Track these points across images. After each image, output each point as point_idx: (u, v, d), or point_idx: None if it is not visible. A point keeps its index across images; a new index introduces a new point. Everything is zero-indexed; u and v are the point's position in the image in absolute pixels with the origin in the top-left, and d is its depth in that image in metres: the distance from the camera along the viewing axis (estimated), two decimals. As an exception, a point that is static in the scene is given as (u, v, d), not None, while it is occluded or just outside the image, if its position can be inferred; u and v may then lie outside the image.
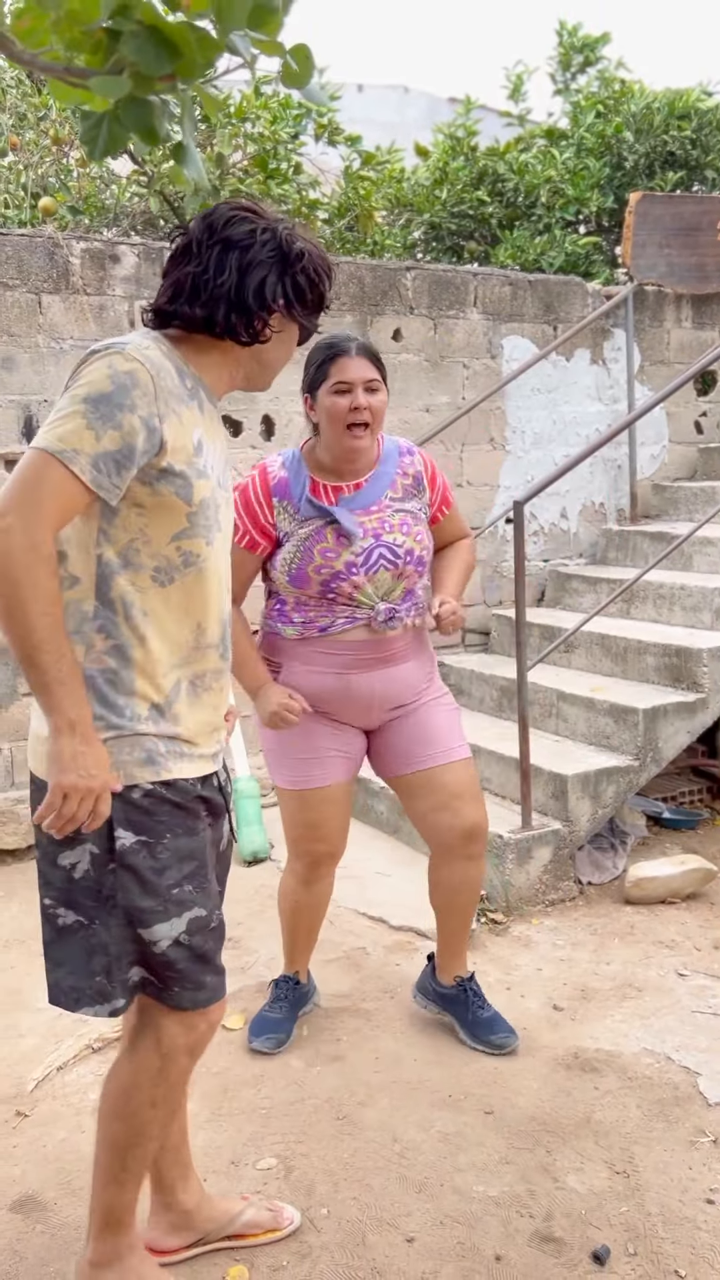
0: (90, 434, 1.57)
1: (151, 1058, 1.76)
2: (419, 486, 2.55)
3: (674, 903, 3.58)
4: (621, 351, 5.39)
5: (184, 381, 1.70)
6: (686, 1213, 2.11)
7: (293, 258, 1.74)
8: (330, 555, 2.41)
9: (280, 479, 2.46)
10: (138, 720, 1.68)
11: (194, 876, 1.73)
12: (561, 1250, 2.02)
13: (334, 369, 2.37)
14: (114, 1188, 1.80)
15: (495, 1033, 2.68)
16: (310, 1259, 2.01)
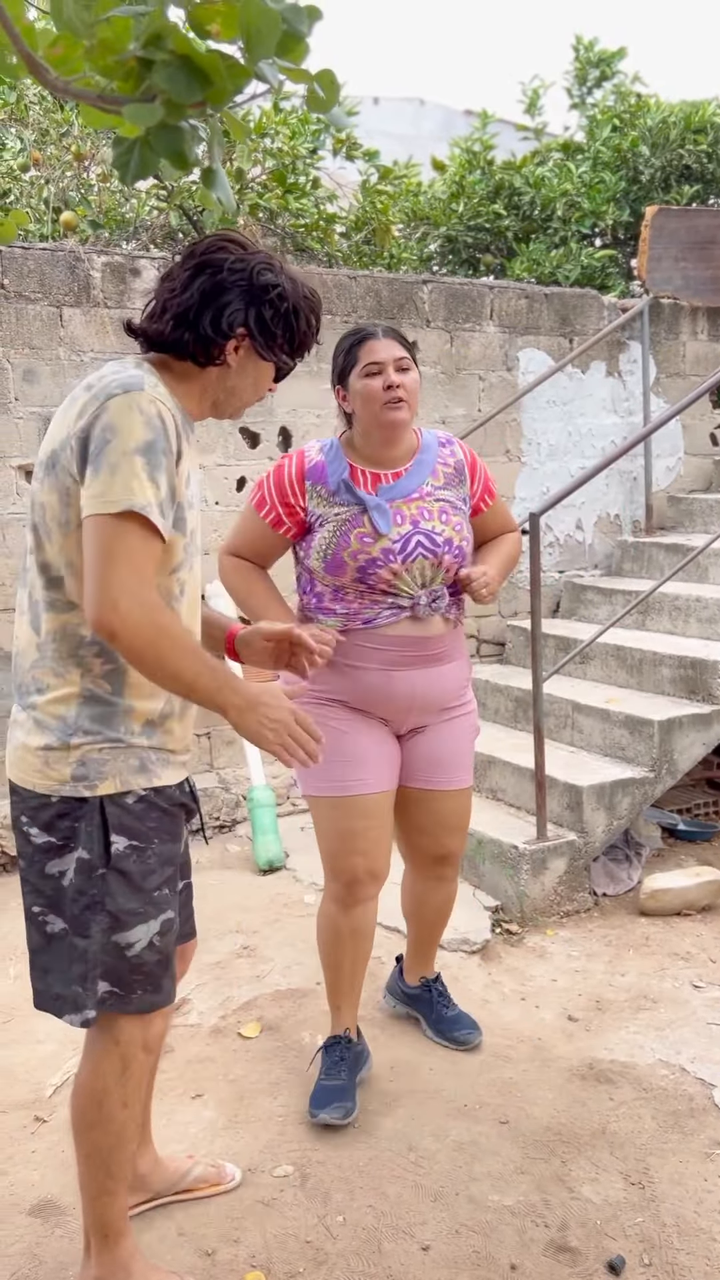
0: (151, 485, 1.60)
1: (111, 1061, 1.80)
2: (460, 476, 2.49)
3: (689, 915, 3.58)
4: (637, 364, 5.41)
5: (180, 414, 1.74)
6: (702, 1224, 2.12)
7: (258, 289, 1.75)
8: (367, 540, 2.35)
9: (317, 463, 2.42)
10: (132, 735, 1.74)
11: (170, 881, 1.81)
12: (577, 1260, 2.03)
13: (363, 352, 2.37)
14: (105, 1199, 1.84)
15: (459, 1029, 2.76)
16: (326, 1266, 2.02)
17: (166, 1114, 2.51)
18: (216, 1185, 2.22)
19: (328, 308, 4.60)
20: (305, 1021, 2.91)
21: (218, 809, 4.45)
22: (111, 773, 1.71)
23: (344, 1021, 2.60)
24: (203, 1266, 2.03)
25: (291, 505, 2.41)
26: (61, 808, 1.71)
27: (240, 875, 4.00)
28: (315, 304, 1.84)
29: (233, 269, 1.75)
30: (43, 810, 1.73)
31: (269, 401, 4.52)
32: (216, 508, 4.48)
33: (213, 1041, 2.83)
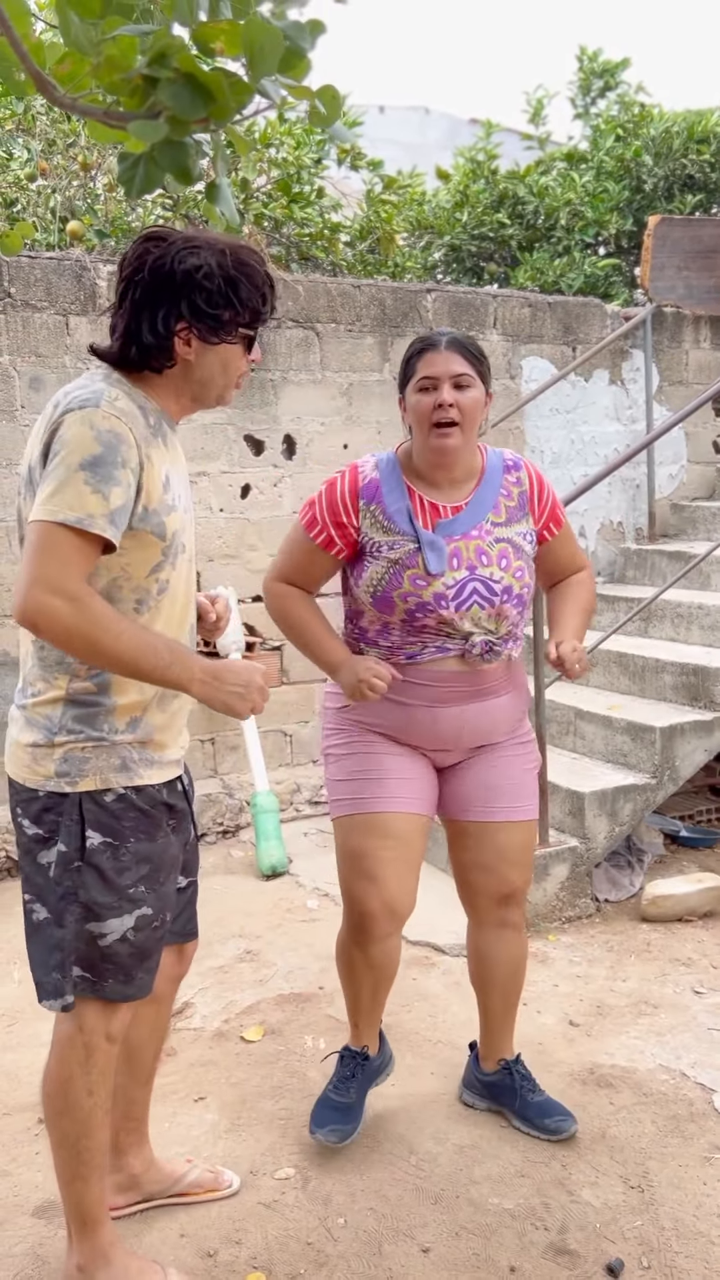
0: (97, 497, 1.63)
1: (73, 1048, 1.84)
2: (523, 508, 2.27)
3: (691, 921, 3.59)
4: (640, 372, 5.43)
5: (148, 419, 1.77)
6: (701, 1227, 2.13)
7: (181, 279, 1.73)
8: (420, 584, 2.16)
9: (371, 480, 2.23)
10: (115, 733, 1.79)
11: (149, 878, 1.83)
12: (576, 1263, 2.04)
13: (420, 364, 2.17)
14: (78, 1184, 1.88)
15: (549, 1116, 2.41)
16: (327, 1268, 2.04)
17: (169, 1117, 2.52)
18: (213, 1191, 2.23)
19: (332, 316, 4.63)
20: (308, 1026, 2.93)
21: (221, 814, 4.47)
22: (92, 770, 1.78)
23: (361, 1038, 2.47)
24: (204, 1267, 2.04)
25: (344, 525, 2.23)
26: (47, 802, 1.79)
27: (243, 880, 4.02)
28: (253, 266, 1.79)
29: (154, 269, 1.74)
30: (32, 803, 1.80)
31: (273, 409, 4.56)
32: (221, 515, 4.51)
33: (215, 1045, 2.85)
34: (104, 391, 1.71)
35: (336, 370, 4.68)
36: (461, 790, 2.36)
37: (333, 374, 4.67)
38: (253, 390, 4.51)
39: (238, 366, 1.86)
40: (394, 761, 2.30)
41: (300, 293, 4.54)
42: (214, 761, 4.57)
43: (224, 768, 4.60)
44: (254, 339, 1.86)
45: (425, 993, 3.10)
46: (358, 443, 4.74)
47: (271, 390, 4.56)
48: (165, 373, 1.80)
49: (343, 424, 4.70)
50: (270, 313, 1.85)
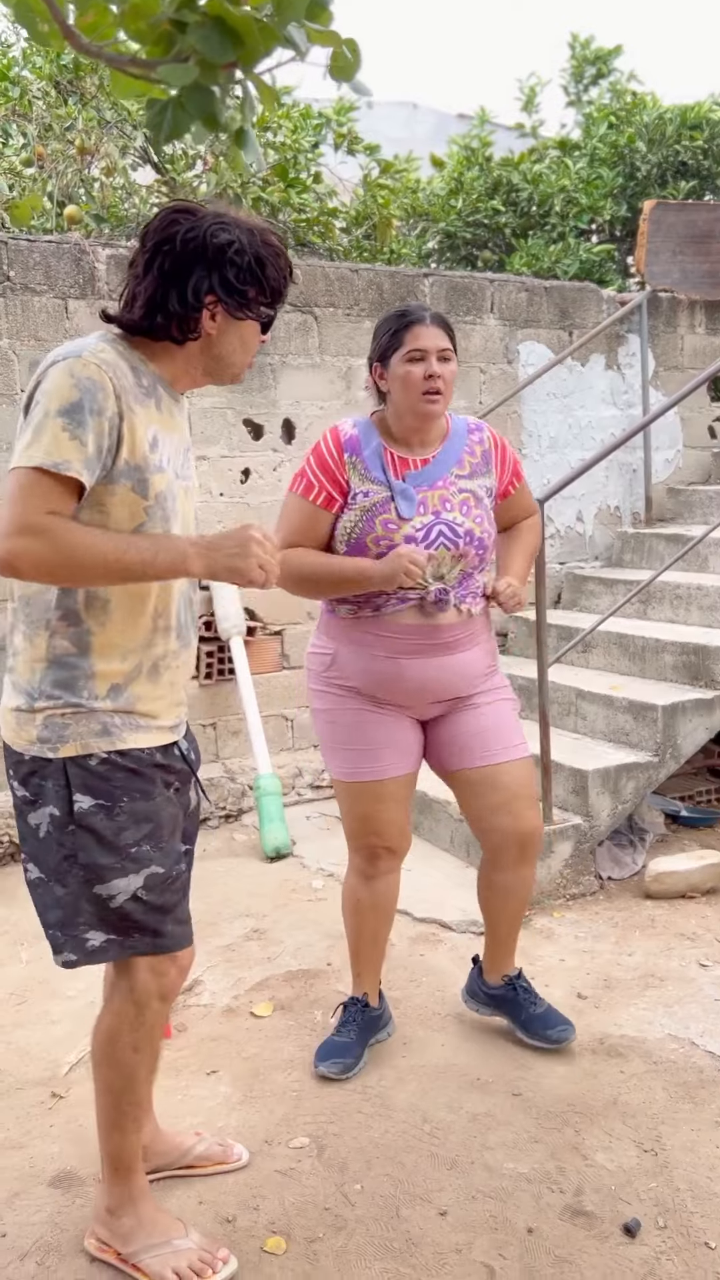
0: (74, 442, 1.64)
1: (127, 1006, 1.88)
2: (486, 465, 2.51)
3: (694, 897, 3.61)
4: (636, 357, 5.45)
5: (140, 380, 1.77)
6: (715, 1189, 2.14)
7: (213, 253, 1.74)
8: (391, 527, 2.37)
9: (351, 436, 2.43)
10: (95, 699, 1.79)
11: (152, 837, 1.83)
12: (593, 1223, 2.06)
13: (408, 337, 2.37)
14: (116, 1134, 1.93)
15: (551, 1027, 2.63)
16: (345, 1231, 2.05)
17: (181, 1090, 2.53)
18: (221, 1164, 2.23)
19: (330, 301, 4.64)
20: (317, 1001, 2.94)
21: (224, 799, 4.47)
22: (72, 736, 1.78)
23: (363, 986, 2.67)
24: (223, 1232, 2.05)
25: (337, 480, 2.41)
26: (32, 765, 1.80)
27: (247, 863, 4.02)
28: (279, 248, 1.82)
29: (186, 240, 1.75)
30: (20, 766, 1.82)
31: (272, 393, 4.56)
32: (221, 499, 4.51)
33: (225, 1021, 2.85)
34: (90, 345, 1.73)
35: (335, 354, 4.68)
36: (455, 741, 2.53)
37: (331, 358, 4.68)
38: (251, 374, 4.51)
39: (254, 345, 1.88)
40: (381, 731, 2.50)
41: (299, 276, 4.54)
42: (216, 746, 4.58)
43: (226, 752, 4.60)
44: (272, 320, 1.89)
45: (433, 968, 3.11)
46: (356, 427, 4.75)
47: (270, 374, 4.56)
48: (185, 344, 1.81)
49: (341, 408, 4.70)
50: (287, 296, 1.87)
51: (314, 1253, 2.00)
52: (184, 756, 1.97)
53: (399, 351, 2.39)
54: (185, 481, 1.90)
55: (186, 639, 1.93)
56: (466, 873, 3.74)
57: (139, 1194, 1.96)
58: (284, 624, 4.69)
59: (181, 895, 1.90)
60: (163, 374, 1.82)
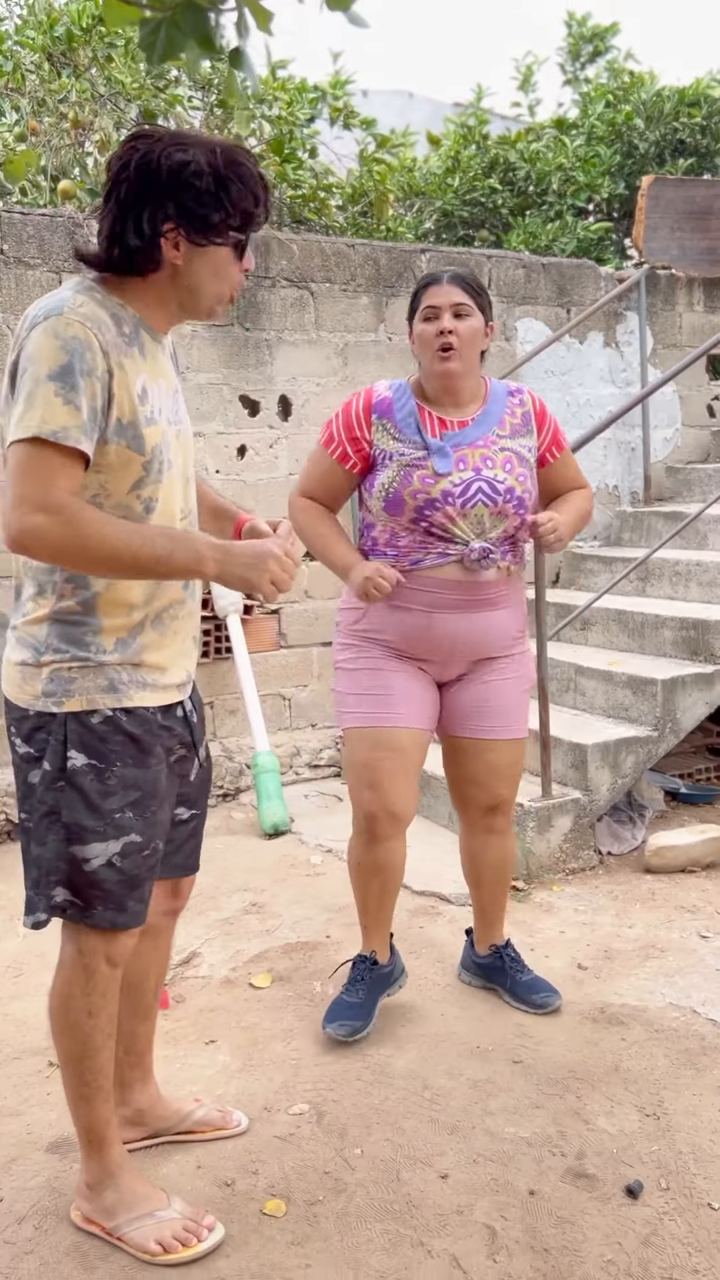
0: (69, 408, 1.60)
1: (75, 969, 1.84)
2: (528, 426, 2.48)
3: (694, 871, 3.59)
4: (634, 335, 5.42)
5: (122, 328, 1.71)
6: (717, 1151, 2.13)
7: (167, 177, 1.64)
8: (428, 481, 2.36)
9: (384, 398, 2.44)
10: (102, 653, 1.76)
11: (138, 805, 1.80)
12: (594, 1185, 2.04)
13: (425, 296, 2.42)
14: (83, 1105, 1.89)
15: (536, 993, 2.67)
16: (346, 1194, 2.03)
17: (180, 1059, 2.51)
18: (221, 1129, 2.21)
19: (326, 276, 4.60)
20: (316, 973, 2.92)
21: (221, 777, 4.45)
22: (79, 691, 1.75)
23: (371, 943, 2.66)
24: (222, 1196, 2.03)
25: (358, 439, 2.43)
26: (36, 721, 1.77)
27: (246, 840, 4.00)
28: (246, 165, 1.70)
29: (140, 165, 1.66)
30: (24, 722, 1.79)
31: (268, 369, 4.53)
32: (217, 476, 4.48)
33: (224, 992, 2.83)
34: (68, 299, 1.66)
35: (331, 330, 4.65)
36: (459, 707, 2.55)
37: (328, 334, 4.65)
38: (247, 350, 4.48)
39: (230, 273, 1.77)
40: (400, 680, 2.49)
41: (295, 252, 4.51)
42: (213, 725, 4.55)
43: (223, 731, 4.58)
44: (245, 244, 1.77)
45: (432, 940, 3.09)
46: (353, 404, 4.72)
47: (266, 350, 4.53)
48: (150, 277, 1.72)
49: (338, 384, 4.67)
50: (264, 216, 1.75)
51: (314, 1215, 1.98)
52: (186, 719, 1.93)
53: (418, 312, 2.44)
54: (178, 427, 1.84)
55: (192, 589, 1.89)
56: (465, 848, 3.72)
57: (116, 1167, 1.92)
58: (281, 602, 4.66)
59: (151, 872, 1.86)
60: (143, 315, 1.76)
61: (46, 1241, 1.93)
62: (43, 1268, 1.87)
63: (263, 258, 4.44)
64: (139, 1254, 1.87)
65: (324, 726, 4.78)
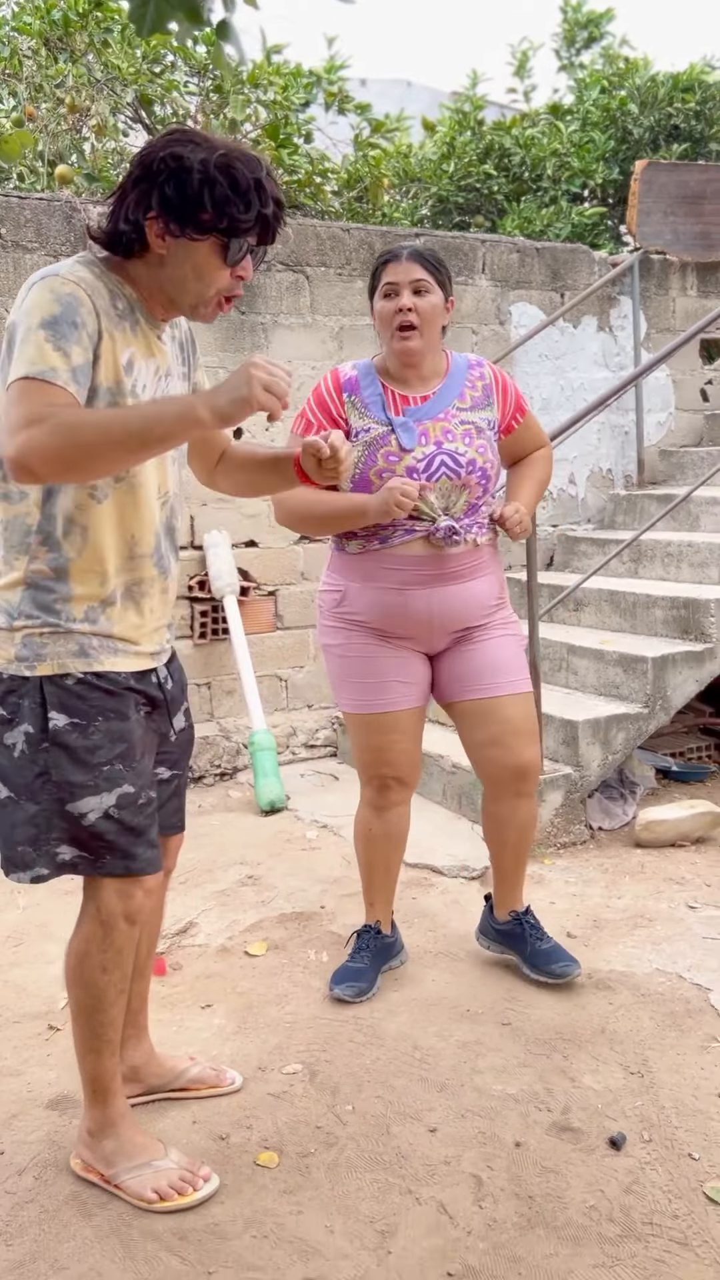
0: (59, 353, 1.65)
1: (94, 926, 1.90)
2: (489, 398, 2.53)
3: (683, 846, 3.65)
4: (628, 319, 5.46)
5: (115, 303, 1.77)
6: (699, 1105, 2.19)
7: (158, 166, 1.70)
8: (393, 459, 2.42)
9: (350, 377, 2.49)
10: (73, 620, 1.82)
11: (125, 757, 1.86)
12: (579, 1138, 2.10)
13: (384, 273, 2.45)
14: (91, 1056, 1.96)
15: (555, 962, 2.67)
16: (337, 1147, 2.09)
17: (177, 1023, 2.57)
18: (215, 1087, 2.27)
19: (321, 260, 4.64)
20: (310, 941, 2.98)
21: (218, 757, 4.51)
22: (50, 655, 1.81)
23: (375, 914, 2.75)
24: (217, 1149, 2.09)
25: (335, 418, 2.47)
26: (10, 684, 1.83)
27: (243, 817, 4.06)
28: (241, 172, 1.70)
29: (143, 155, 1.73)
30: None
31: (264, 353, 4.56)
32: (214, 458, 4.52)
33: (220, 959, 2.89)
34: (66, 265, 1.74)
35: (326, 314, 4.69)
36: (459, 673, 2.58)
37: (323, 318, 4.69)
38: (243, 333, 4.52)
39: (214, 276, 1.78)
40: (391, 664, 2.55)
41: (290, 235, 4.55)
42: (210, 705, 4.61)
43: (220, 711, 4.63)
44: (232, 248, 1.76)
45: (425, 910, 3.15)
46: (349, 388, 4.76)
47: (262, 333, 4.57)
48: (140, 259, 1.78)
49: (333, 367, 4.71)
50: (259, 226, 1.74)
51: (306, 1166, 2.04)
52: (160, 685, 1.98)
53: (377, 290, 2.47)
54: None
55: (165, 567, 1.95)
56: (457, 823, 3.78)
57: (118, 1117, 1.99)
58: (278, 584, 4.71)
59: (152, 820, 1.92)
60: (139, 297, 1.82)
61: (46, 1191, 1.99)
62: (43, 1215, 1.93)
63: (258, 242, 4.48)
64: (136, 1202, 1.93)
65: (320, 707, 4.83)
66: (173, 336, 1.95)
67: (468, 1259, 1.79)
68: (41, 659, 1.81)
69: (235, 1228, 1.88)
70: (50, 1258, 1.83)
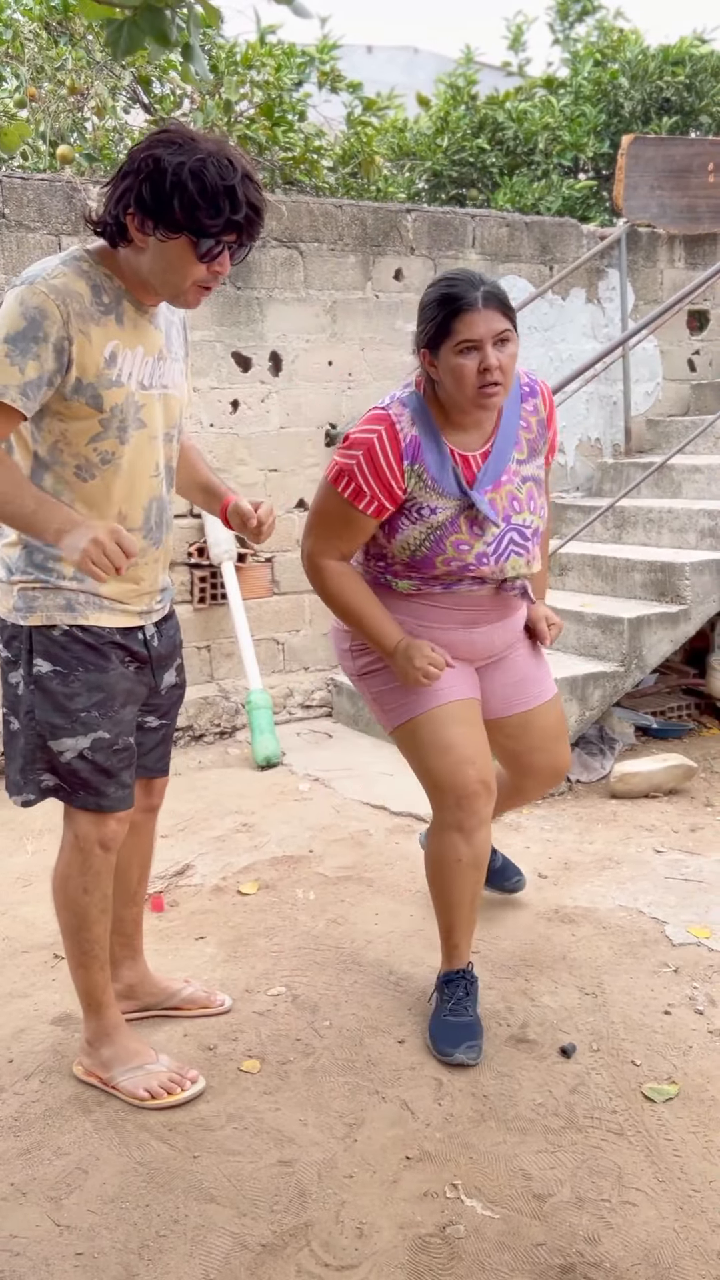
0: (14, 369, 1.84)
1: (73, 853, 2.13)
2: (542, 438, 2.29)
3: (655, 797, 3.84)
4: (616, 291, 5.59)
5: (100, 298, 1.93)
6: (646, 1020, 2.39)
7: (138, 165, 1.82)
8: (463, 548, 2.21)
9: (411, 438, 2.18)
10: (62, 578, 2.03)
11: (102, 705, 2.06)
12: (533, 1048, 2.31)
13: (459, 325, 2.07)
14: (81, 971, 2.19)
15: (508, 878, 2.94)
16: (314, 1055, 2.31)
17: (171, 951, 2.79)
18: (205, 1007, 2.48)
19: (315, 236, 4.79)
20: (299, 881, 3.19)
21: (218, 716, 4.71)
22: (40, 608, 2.02)
23: (463, 956, 2.43)
24: (205, 1057, 2.31)
25: (392, 489, 2.19)
26: (11, 630, 2.06)
27: (240, 772, 4.27)
28: (210, 178, 1.78)
29: (134, 149, 1.88)
30: (3, 630, 2.08)
31: (259, 326, 4.73)
32: (211, 429, 4.70)
33: (214, 898, 3.11)
34: (47, 269, 1.89)
35: (320, 289, 4.85)
36: (494, 689, 2.46)
37: (316, 292, 4.84)
38: (239, 308, 4.68)
39: (188, 270, 1.89)
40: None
41: (284, 212, 4.70)
42: (210, 667, 4.81)
43: (220, 673, 4.83)
44: (202, 246, 1.86)
45: (407, 854, 3.35)
46: (342, 359, 4.92)
47: (257, 308, 4.73)
48: (123, 249, 1.93)
49: (327, 341, 4.87)
50: (230, 229, 1.85)
51: (285, 1071, 2.25)
52: (146, 642, 2.16)
53: (449, 341, 2.10)
54: (161, 390, 2.06)
55: (156, 538, 2.13)
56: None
57: (112, 1027, 2.21)
58: (274, 551, 4.90)
59: (126, 764, 2.11)
60: (130, 287, 1.97)
61: (50, 1093, 2.22)
62: (47, 1112, 2.15)
63: (253, 219, 4.63)
64: (130, 1099, 2.15)
65: (315, 669, 5.03)
66: (169, 320, 2.12)
67: (424, 1146, 2.01)
68: (33, 610, 2.02)
69: (219, 1121, 2.10)
70: (54, 1145, 2.05)
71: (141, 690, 2.18)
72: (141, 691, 2.18)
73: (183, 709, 4.62)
